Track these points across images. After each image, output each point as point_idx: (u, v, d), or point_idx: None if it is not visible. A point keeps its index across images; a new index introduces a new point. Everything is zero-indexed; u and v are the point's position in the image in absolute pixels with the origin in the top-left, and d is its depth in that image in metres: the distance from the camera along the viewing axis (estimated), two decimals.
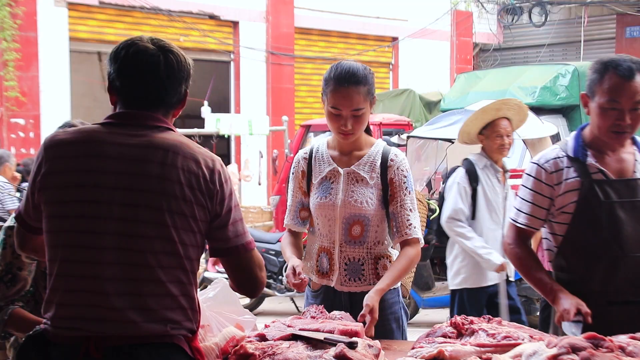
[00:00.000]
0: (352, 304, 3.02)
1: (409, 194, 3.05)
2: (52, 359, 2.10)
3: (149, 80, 2.20)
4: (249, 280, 2.29)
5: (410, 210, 3.04)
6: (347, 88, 2.93)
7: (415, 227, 3.04)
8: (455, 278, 5.44)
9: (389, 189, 3.04)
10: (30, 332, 2.17)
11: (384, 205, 3.05)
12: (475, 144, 5.43)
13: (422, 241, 3.10)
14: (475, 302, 5.35)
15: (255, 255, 2.30)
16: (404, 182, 3.04)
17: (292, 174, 3.23)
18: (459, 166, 5.48)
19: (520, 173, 10.73)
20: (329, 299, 3.09)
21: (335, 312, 2.84)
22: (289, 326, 2.67)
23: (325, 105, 3.02)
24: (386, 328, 3.04)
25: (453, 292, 5.50)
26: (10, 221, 2.74)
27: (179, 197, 2.10)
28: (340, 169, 3.07)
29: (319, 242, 3.14)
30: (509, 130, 5.28)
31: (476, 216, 5.31)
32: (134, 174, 2.11)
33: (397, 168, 3.04)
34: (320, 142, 3.19)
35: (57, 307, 2.11)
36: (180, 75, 2.25)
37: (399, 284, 3.13)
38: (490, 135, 5.28)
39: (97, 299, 2.06)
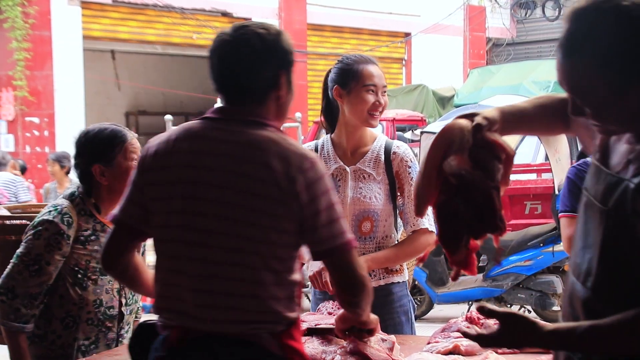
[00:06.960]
0: None
1: None
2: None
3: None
4: (349, 281, 2.12)
5: None
6: (375, 65, 3.02)
7: (422, 218, 2.97)
8: None
9: (396, 182, 3.04)
10: (142, 322, 2.24)
11: (392, 199, 3.05)
12: None
13: (434, 230, 3.02)
14: None
15: (354, 255, 2.12)
16: (409, 173, 3.03)
17: None
18: None
19: (534, 167, 10.63)
20: None
21: None
22: (302, 321, 2.67)
23: (350, 91, 2.98)
24: (396, 321, 3.04)
25: None
26: (49, 215, 2.76)
27: (266, 195, 2.02)
28: (347, 167, 3.06)
29: None
30: None
31: None
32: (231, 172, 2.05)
33: (401, 160, 3.03)
34: (325, 139, 3.17)
35: (156, 298, 2.14)
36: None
37: (406, 277, 3.13)
38: None
39: (180, 294, 2.06)
